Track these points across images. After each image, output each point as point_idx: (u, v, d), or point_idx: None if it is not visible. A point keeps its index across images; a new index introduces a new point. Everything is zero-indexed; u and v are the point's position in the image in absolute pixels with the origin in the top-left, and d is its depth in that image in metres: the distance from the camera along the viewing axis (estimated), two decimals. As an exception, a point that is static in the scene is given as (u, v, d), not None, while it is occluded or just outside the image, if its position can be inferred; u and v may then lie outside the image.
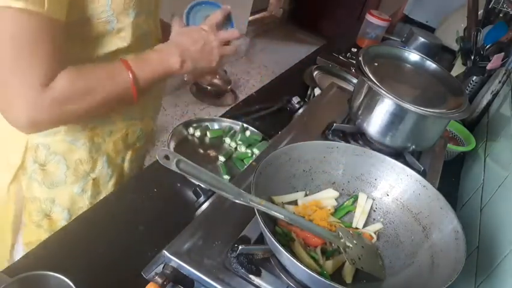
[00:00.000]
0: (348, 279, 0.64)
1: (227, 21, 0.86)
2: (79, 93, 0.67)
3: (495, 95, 1.41)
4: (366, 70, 0.89)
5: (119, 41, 0.74)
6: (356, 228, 0.73)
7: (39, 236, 0.89)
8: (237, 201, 0.58)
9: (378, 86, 0.86)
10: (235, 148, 1.07)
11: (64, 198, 0.86)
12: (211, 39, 0.81)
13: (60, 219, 0.88)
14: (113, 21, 0.70)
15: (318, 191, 0.77)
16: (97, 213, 0.81)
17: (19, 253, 0.91)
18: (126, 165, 0.95)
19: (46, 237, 0.82)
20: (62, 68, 0.65)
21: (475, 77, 1.52)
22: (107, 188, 0.92)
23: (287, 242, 0.65)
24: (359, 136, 0.99)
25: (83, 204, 0.89)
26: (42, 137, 0.79)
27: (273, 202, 0.69)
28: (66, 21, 0.64)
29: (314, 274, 0.52)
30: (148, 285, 0.56)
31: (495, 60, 1.44)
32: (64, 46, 0.66)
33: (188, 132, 1.08)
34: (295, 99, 1.29)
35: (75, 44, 0.70)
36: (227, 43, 0.85)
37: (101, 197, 0.90)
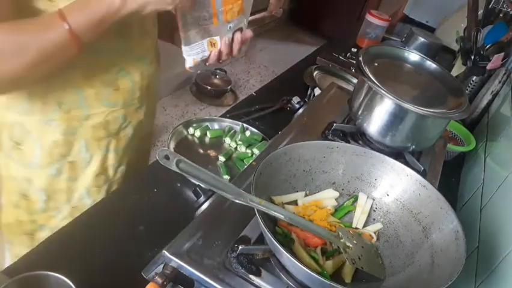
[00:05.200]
0: (348, 279, 0.64)
1: None
2: (9, 50, 0.62)
3: (495, 95, 1.41)
4: (366, 70, 0.89)
5: None
6: (356, 228, 0.73)
7: (18, 217, 0.90)
8: (237, 201, 0.58)
9: (378, 86, 0.86)
10: (235, 148, 1.07)
11: (40, 179, 0.86)
12: None
13: (37, 200, 0.88)
14: None
15: (318, 191, 0.77)
16: (97, 213, 0.81)
17: None
18: (111, 155, 0.91)
19: (25, 217, 0.85)
20: None
21: (475, 77, 1.52)
22: (86, 173, 0.89)
23: (287, 242, 0.65)
24: (359, 136, 0.99)
25: (60, 186, 0.88)
26: (17, 115, 0.79)
27: (273, 202, 0.69)
28: None
29: (314, 274, 0.52)
30: (148, 285, 0.56)
31: (495, 60, 1.44)
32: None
33: (188, 132, 1.08)
34: (295, 99, 1.29)
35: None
36: None
37: (80, 181, 0.89)
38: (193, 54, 0.79)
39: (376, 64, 0.94)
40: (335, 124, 0.96)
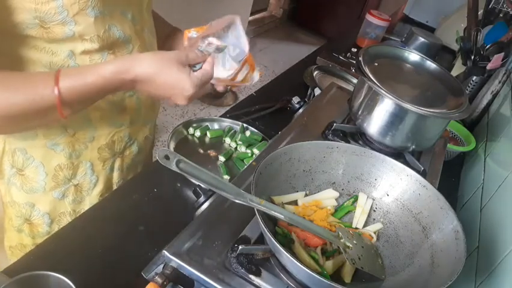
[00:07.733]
0: (348, 279, 0.64)
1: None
2: None
3: (495, 95, 1.41)
4: (366, 70, 0.89)
5: (87, 43, 0.68)
6: (356, 228, 0.73)
7: (21, 240, 0.89)
8: (237, 201, 0.58)
9: (378, 86, 0.86)
10: (235, 148, 1.07)
11: (44, 203, 0.84)
12: (187, 89, 0.67)
13: (41, 224, 0.86)
14: (70, 23, 0.64)
15: (318, 191, 0.77)
16: (97, 213, 0.81)
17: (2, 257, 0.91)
18: (115, 174, 0.91)
19: (28, 241, 0.84)
20: None
21: (475, 77, 1.52)
22: (92, 195, 0.88)
23: (287, 242, 0.65)
24: (359, 136, 0.99)
25: (65, 209, 0.86)
26: (19, 140, 0.76)
27: (273, 202, 0.69)
28: (12, 25, 0.61)
29: (314, 274, 0.52)
30: (148, 285, 0.56)
31: (495, 60, 1.44)
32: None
33: (188, 132, 1.08)
34: (295, 99, 1.29)
35: (36, 49, 0.66)
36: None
37: (85, 203, 0.88)
38: None
39: (376, 64, 0.94)
40: (335, 124, 0.95)
